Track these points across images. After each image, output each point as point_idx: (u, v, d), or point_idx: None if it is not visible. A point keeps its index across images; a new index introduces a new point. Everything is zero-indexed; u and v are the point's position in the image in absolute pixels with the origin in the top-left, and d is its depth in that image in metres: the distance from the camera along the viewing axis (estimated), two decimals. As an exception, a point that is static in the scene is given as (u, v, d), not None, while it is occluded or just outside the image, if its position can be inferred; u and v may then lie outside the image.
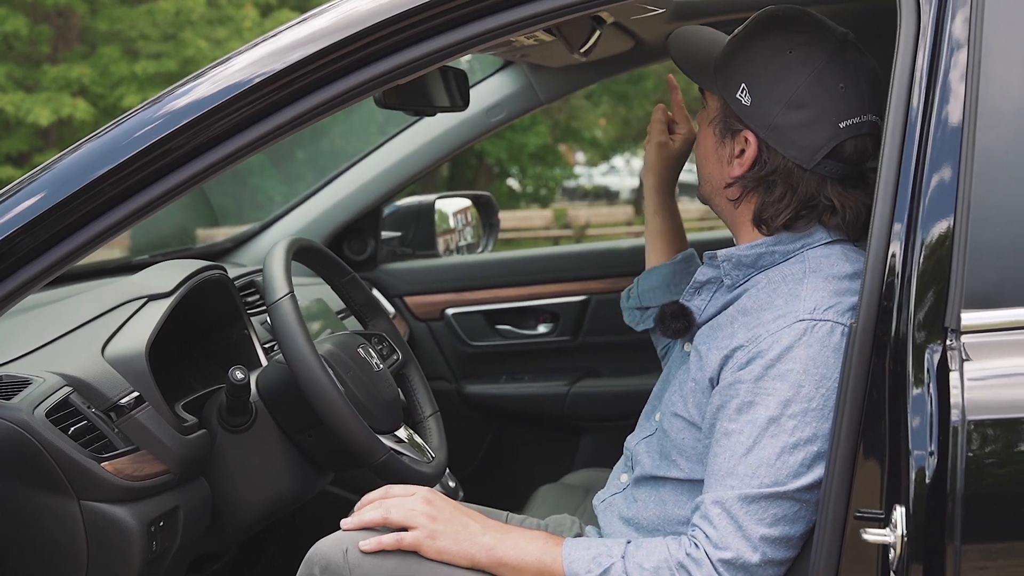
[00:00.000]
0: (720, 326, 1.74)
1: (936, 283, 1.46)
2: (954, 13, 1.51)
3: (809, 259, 1.72)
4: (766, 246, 1.74)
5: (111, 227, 1.59)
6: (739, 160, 1.76)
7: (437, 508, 1.69)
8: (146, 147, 1.57)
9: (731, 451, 1.63)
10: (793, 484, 1.60)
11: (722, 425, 1.66)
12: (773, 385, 1.62)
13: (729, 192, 1.78)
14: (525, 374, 3.23)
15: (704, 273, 1.80)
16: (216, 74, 1.62)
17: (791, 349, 1.62)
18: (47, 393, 1.76)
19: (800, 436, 1.60)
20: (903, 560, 1.42)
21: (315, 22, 1.63)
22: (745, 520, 1.60)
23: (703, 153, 1.83)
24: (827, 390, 1.61)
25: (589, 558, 1.64)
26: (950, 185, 1.48)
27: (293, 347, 1.89)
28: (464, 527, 1.68)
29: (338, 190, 3.12)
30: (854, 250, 1.73)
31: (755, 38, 1.76)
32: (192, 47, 12.11)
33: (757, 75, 1.72)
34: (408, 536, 1.68)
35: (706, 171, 1.83)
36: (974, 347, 1.43)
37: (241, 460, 2.01)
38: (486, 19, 1.59)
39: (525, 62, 2.96)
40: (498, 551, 1.67)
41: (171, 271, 2.11)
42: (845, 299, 1.66)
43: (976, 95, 1.49)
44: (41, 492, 1.72)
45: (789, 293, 1.69)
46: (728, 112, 1.76)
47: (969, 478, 1.39)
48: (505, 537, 1.68)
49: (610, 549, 1.65)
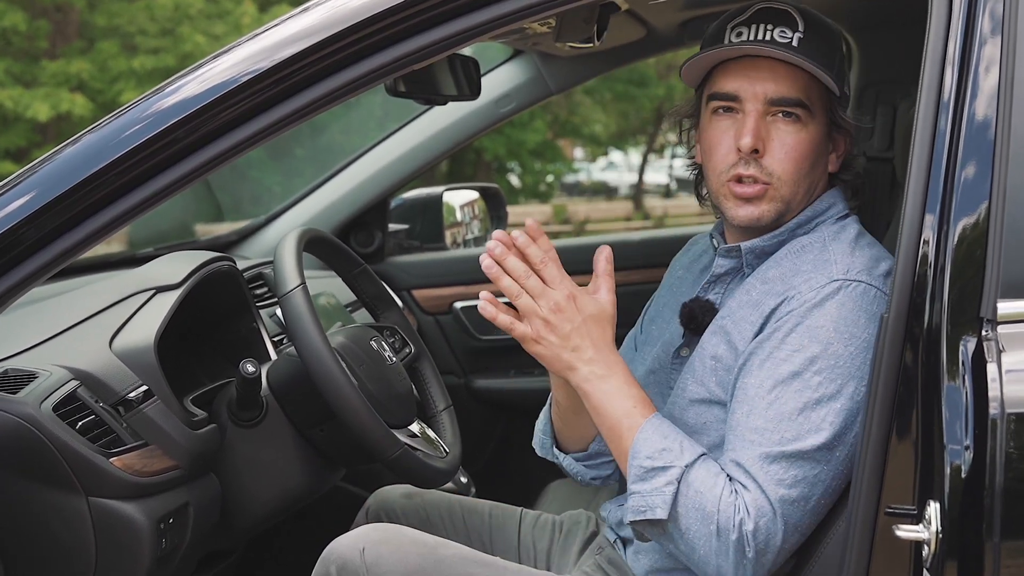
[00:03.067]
0: (740, 300, 1.72)
1: (971, 272, 1.43)
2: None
3: (826, 231, 1.73)
4: (788, 232, 1.74)
5: (116, 218, 1.56)
6: (836, 154, 1.77)
7: (560, 319, 1.61)
8: (150, 137, 1.54)
9: (751, 405, 1.61)
10: (815, 440, 1.58)
11: (743, 380, 1.64)
12: (801, 341, 1.61)
13: (819, 188, 1.75)
14: (535, 368, 3.18)
15: (722, 266, 1.78)
16: (220, 64, 1.59)
17: (823, 305, 1.62)
18: (54, 387, 1.72)
19: (824, 392, 1.59)
20: (938, 557, 1.38)
21: (317, 12, 1.59)
22: (766, 481, 1.57)
23: (803, 153, 1.70)
24: (856, 348, 1.60)
25: (658, 448, 1.60)
26: (984, 172, 1.45)
27: (306, 339, 1.86)
28: (574, 350, 1.62)
29: (345, 182, 3.09)
30: (860, 224, 1.77)
31: (821, 30, 1.73)
32: (190, 42, 12.08)
33: (837, 60, 1.73)
34: (519, 328, 1.63)
35: (801, 168, 1.71)
36: (1010, 337, 1.40)
37: (251, 455, 1.97)
38: (494, 6, 1.56)
39: (535, 51, 2.92)
40: (588, 387, 1.63)
41: (179, 262, 2.07)
42: (879, 265, 1.67)
43: (1012, 79, 1.46)
44: (48, 488, 1.69)
45: (816, 259, 1.69)
46: (833, 107, 1.73)
47: (1008, 473, 1.36)
48: (601, 382, 1.63)
49: (681, 452, 1.60)
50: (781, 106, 1.70)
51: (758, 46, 1.69)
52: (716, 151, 1.73)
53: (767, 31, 1.69)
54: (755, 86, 1.70)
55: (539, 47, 2.82)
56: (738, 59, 1.72)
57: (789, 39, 1.69)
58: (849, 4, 2.89)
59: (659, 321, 1.89)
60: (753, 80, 1.70)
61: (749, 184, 1.71)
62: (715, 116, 1.74)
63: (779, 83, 1.69)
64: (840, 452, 1.59)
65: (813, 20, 1.72)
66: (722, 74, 1.73)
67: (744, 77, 1.70)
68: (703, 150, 1.79)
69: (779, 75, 1.69)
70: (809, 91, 1.71)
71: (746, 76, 1.70)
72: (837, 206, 1.77)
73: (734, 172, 1.71)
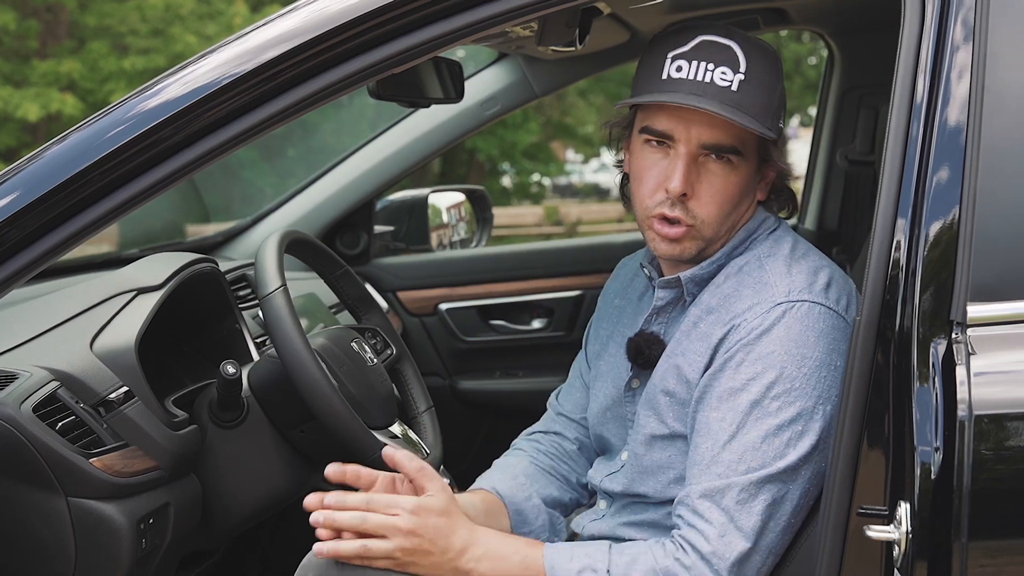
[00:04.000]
0: (687, 333, 1.72)
1: (941, 276, 1.44)
2: (959, 5, 1.49)
3: (760, 248, 1.72)
4: (725, 256, 1.73)
5: (100, 218, 1.57)
6: (764, 182, 1.75)
7: (417, 538, 1.60)
8: (135, 137, 1.55)
9: (714, 439, 1.62)
10: (780, 464, 1.59)
11: (703, 415, 1.64)
12: (754, 369, 1.62)
13: (745, 217, 1.74)
14: (519, 370, 3.21)
15: (663, 298, 1.77)
16: (207, 63, 1.59)
17: (770, 332, 1.62)
18: (34, 388, 1.73)
19: (784, 416, 1.60)
20: (908, 557, 1.40)
21: (301, 14, 1.60)
22: (736, 512, 1.58)
23: (730, 196, 1.68)
24: (809, 368, 1.61)
25: (575, 570, 1.60)
26: (955, 178, 1.46)
27: (286, 341, 1.87)
28: (442, 552, 1.61)
29: (331, 184, 3.10)
30: (791, 231, 1.76)
31: (761, 67, 1.69)
32: (181, 43, 12.07)
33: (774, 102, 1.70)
34: (376, 547, 1.59)
35: (724, 210, 1.69)
36: (980, 340, 1.41)
37: (232, 456, 1.98)
38: (478, 8, 1.57)
39: (520, 54, 2.93)
40: (482, 568, 1.62)
41: (161, 264, 2.07)
42: (817, 278, 1.67)
43: (981, 87, 1.47)
44: (28, 489, 1.69)
45: (756, 283, 1.68)
46: (766, 148, 1.71)
47: (976, 474, 1.37)
48: (483, 558, 1.61)
49: (594, 560, 1.61)
50: (714, 151, 1.66)
51: (696, 98, 1.63)
52: (644, 183, 1.71)
53: (708, 72, 1.64)
54: (690, 130, 1.66)
55: (523, 50, 2.83)
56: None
57: (729, 83, 1.64)
58: (831, 9, 2.91)
59: (605, 356, 1.87)
60: (688, 123, 1.65)
61: (673, 225, 1.69)
62: (647, 145, 1.70)
63: (715, 129, 1.65)
64: (806, 471, 1.60)
65: (754, 55, 1.67)
66: (657, 109, 1.68)
67: (680, 119, 1.66)
68: (631, 172, 1.76)
69: (716, 122, 1.65)
70: (744, 137, 1.67)
71: (681, 119, 1.66)
72: (768, 220, 1.75)
73: (659, 211, 1.69)
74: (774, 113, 1.70)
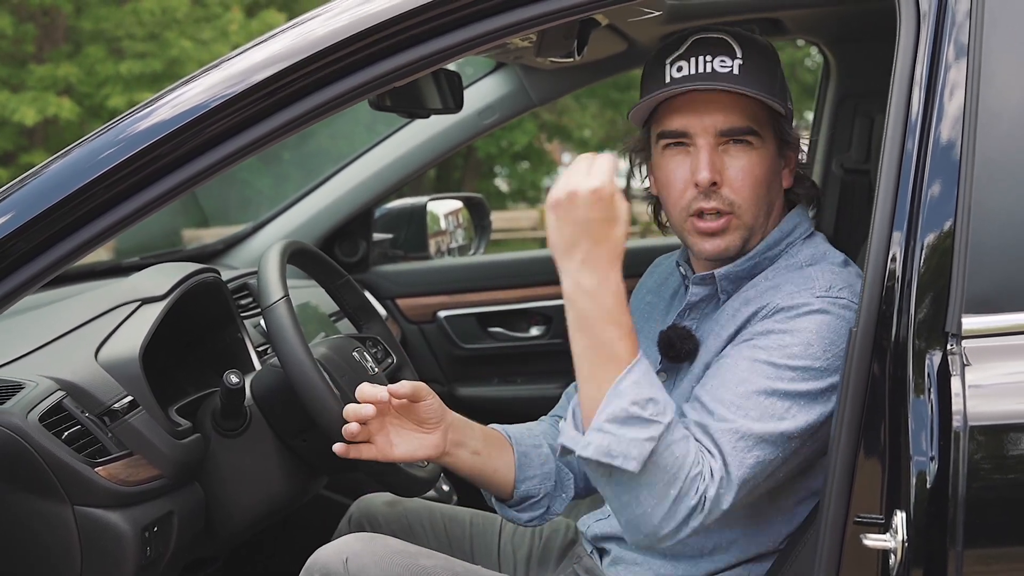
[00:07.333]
0: (722, 320, 1.73)
1: (936, 288, 1.46)
2: (954, 18, 1.51)
3: (800, 253, 1.74)
4: (759, 255, 1.74)
5: (105, 230, 1.59)
6: (788, 169, 1.77)
7: (564, 217, 1.54)
8: (137, 152, 1.56)
9: (722, 378, 1.62)
10: (777, 426, 1.58)
11: (717, 363, 1.65)
12: (782, 339, 1.62)
13: (777, 206, 1.75)
14: (517, 377, 3.22)
15: (696, 294, 1.77)
16: (213, 76, 1.61)
17: (808, 316, 1.63)
18: (40, 397, 1.74)
19: (794, 388, 1.60)
20: (904, 565, 1.42)
21: (301, 29, 1.62)
22: (731, 455, 1.57)
23: (758, 176, 1.70)
24: (833, 356, 1.61)
25: (646, 397, 1.52)
26: (950, 191, 1.48)
27: (288, 351, 1.88)
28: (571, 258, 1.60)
29: (329, 192, 3.12)
30: (826, 241, 1.78)
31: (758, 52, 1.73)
32: (177, 47, 12.07)
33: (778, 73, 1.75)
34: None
35: (758, 192, 1.70)
36: (975, 352, 1.43)
37: (235, 464, 2.00)
38: (483, 22, 1.59)
39: (518, 64, 2.95)
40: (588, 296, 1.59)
41: (164, 274, 2.09)
42: (856, 285, 1.67)
43: (976, 99, 1.49)
44: (34, 497, 1.71)
45: (798, 278, 1.69)
46: (780, 125, 1.73)
47: (970, 483, 1.39)
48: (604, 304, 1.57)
49: (665, 409, 1.53)
50: (732, 135, 1.69)
51: (702, 82, 1.67)
52: (673, 187, 1.72)
53: (707, 63, 1.68)
54: (704, 120, 1.68)
55: (521, 60, 2.85)
56: (683, 94, 1.70)
57: (730, 68, 1.67)
58: (827, 18, 2.93)
59: None
60: (701, 115, 1.68)
61: (712, 219, 1.70)
62: (667, 151, 1.72)
63: (727, 114, 1.68)
64: (796, 444, 1.60)
65: (749, 44, 1.71)
66: (668, 112, 1.71)
67: (691, 113, 1.69)
68: (658, 185, 1.77)
69: (726, 106, 1.68)
70: (757, 116, 1.70)
71: (693, 112, 1.69)
72: (803, 225, 1.78)
73: (695, 207, 1.70)
74: (779, 92, 1.72)
